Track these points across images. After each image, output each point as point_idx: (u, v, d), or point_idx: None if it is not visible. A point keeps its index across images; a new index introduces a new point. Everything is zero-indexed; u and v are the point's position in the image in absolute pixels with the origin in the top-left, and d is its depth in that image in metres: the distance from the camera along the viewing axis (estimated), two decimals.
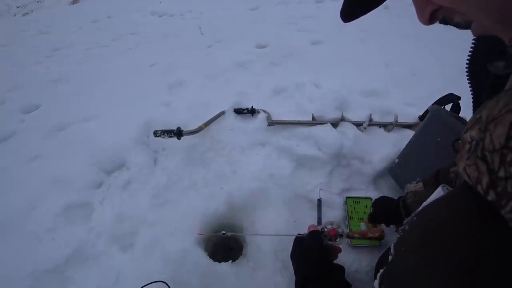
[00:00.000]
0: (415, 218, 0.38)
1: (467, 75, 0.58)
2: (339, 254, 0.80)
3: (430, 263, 0.31)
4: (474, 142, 0.30)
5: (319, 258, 0.70)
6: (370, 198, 1.11)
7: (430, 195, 0.79)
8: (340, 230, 0.79)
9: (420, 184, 0.83)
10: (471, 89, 0.58)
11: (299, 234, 0.81)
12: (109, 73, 2.27)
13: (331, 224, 0.81)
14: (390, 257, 0.41)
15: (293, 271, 0.74)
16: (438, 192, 0.56)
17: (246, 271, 0.95)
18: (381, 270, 0.42)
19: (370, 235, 0.92)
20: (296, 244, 0.79)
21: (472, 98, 0.59)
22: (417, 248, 0.35)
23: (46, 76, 2.34)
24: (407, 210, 0.85)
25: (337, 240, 0.78)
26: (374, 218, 0.96)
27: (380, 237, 0.93)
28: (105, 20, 3.93)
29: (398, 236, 0.41)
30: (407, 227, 0.39)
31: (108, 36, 3.21)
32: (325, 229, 0.79)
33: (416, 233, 0.37)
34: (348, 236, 0.85)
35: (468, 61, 0.56)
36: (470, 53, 0.54)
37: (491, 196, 0.27)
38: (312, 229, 0.78)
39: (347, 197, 1.11)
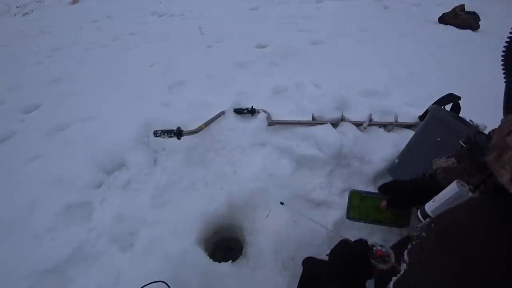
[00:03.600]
0: (433, 225, 0.36)
1: (502, 67, 0.48)
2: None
3: (455, 276, 0.30)
4: None
5: (362, 261, 0.69)
6: (381, 198, 0.88)
7: (465, 171, 0.73)
8: (387, 258, 0.74)
9: (452, 159, 0.77)
10: (505, 81, 0.48)
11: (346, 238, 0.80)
12: (109, 73, 2.27)
13: (381, 246, 0.78)
14: (404, 265, 0.38)
15: (328, 265, 0.71)
16: (453, 189, 0.53)
17: (246, 271, 0.96)
18: (394, 278, 0.40)
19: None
20: (342, 245, 0.78)
21: (506, 93, 0.48)
22: (439, 259, 0.32)
23: (46, 76, 2.34)
24: (438, 186, 0.76)
25: (379, 263, 0.76)
26: (393, 203, 0.86)
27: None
28: (105, 20, 3.93)
29: (413, 242, 0.38)
30: (424, 234, 0.37)
31: (108, 36, 3.21)
32: (375, 248, 0.76)
33: (438, 243, 0.34)
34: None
35: (504, 50, 0.46)
36: (509, 40, 0.44)
37: None
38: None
39: (352, 191, 0.89)
